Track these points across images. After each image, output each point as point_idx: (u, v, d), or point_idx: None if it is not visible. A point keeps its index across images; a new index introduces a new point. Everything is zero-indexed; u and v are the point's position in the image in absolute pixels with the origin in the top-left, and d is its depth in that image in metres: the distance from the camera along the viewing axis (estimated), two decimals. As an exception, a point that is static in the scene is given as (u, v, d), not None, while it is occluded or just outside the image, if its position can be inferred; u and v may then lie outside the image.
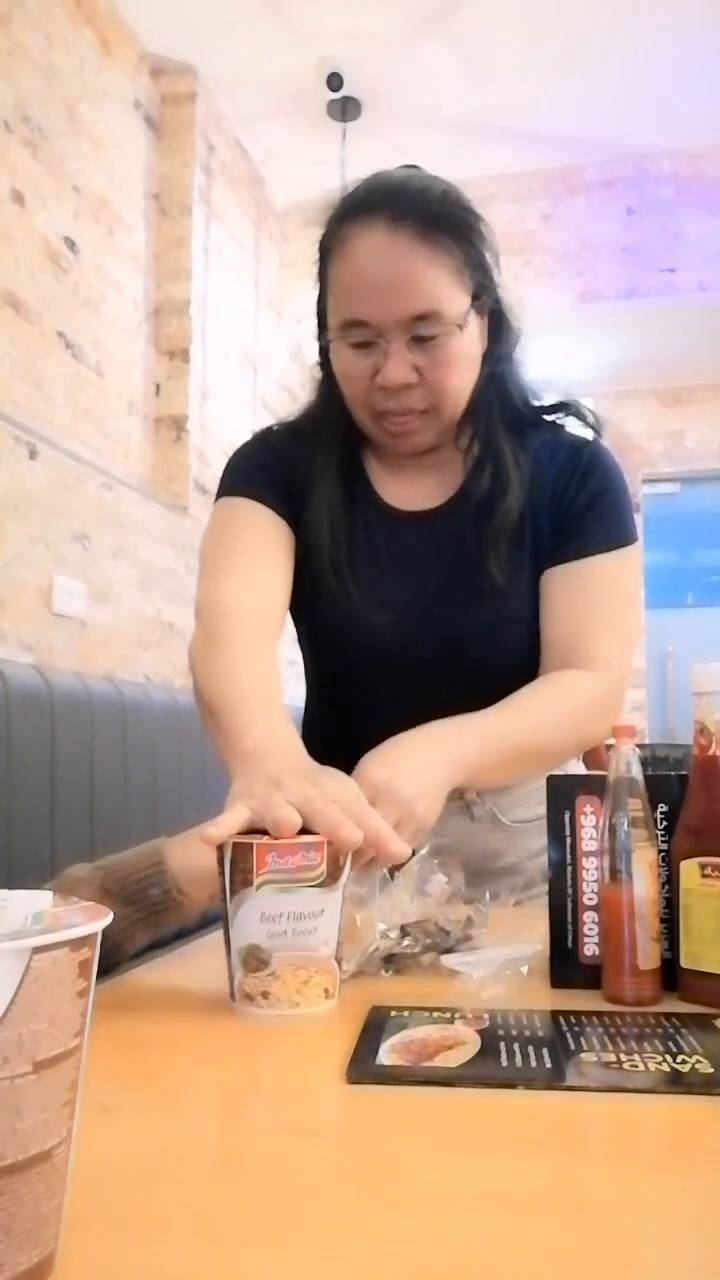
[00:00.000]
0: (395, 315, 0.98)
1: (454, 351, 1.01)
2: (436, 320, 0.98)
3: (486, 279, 1.05)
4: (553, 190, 4.22)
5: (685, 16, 3.31)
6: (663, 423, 5.55)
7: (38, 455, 2.51)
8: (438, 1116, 0.50)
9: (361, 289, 0.99)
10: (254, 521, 1.10)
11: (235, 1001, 0.68)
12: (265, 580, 1.07)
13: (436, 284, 0.98)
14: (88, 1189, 0.39)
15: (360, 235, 0.99)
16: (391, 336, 0.99)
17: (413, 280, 0.97)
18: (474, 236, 1.03)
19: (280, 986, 0.67)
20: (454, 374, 1.02)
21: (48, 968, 0.32)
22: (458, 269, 0.99)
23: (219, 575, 1.05)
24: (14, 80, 2.62)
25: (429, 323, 0.98)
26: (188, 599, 3.31)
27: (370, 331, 1.00)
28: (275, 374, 4.24)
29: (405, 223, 0.97)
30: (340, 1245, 0.37)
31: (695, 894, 0.70)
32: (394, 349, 0.99)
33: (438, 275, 0.98)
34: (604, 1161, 0.46)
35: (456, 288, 1.00)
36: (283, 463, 1.13)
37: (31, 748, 1.39)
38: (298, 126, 3.82)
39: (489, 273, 1.05)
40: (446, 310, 0.98)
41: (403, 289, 0.97)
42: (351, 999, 0.69)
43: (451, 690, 1.00)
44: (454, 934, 0.80)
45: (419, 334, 0.99)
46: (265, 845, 0.67)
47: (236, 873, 0.67)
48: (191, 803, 1.91)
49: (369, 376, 1.02)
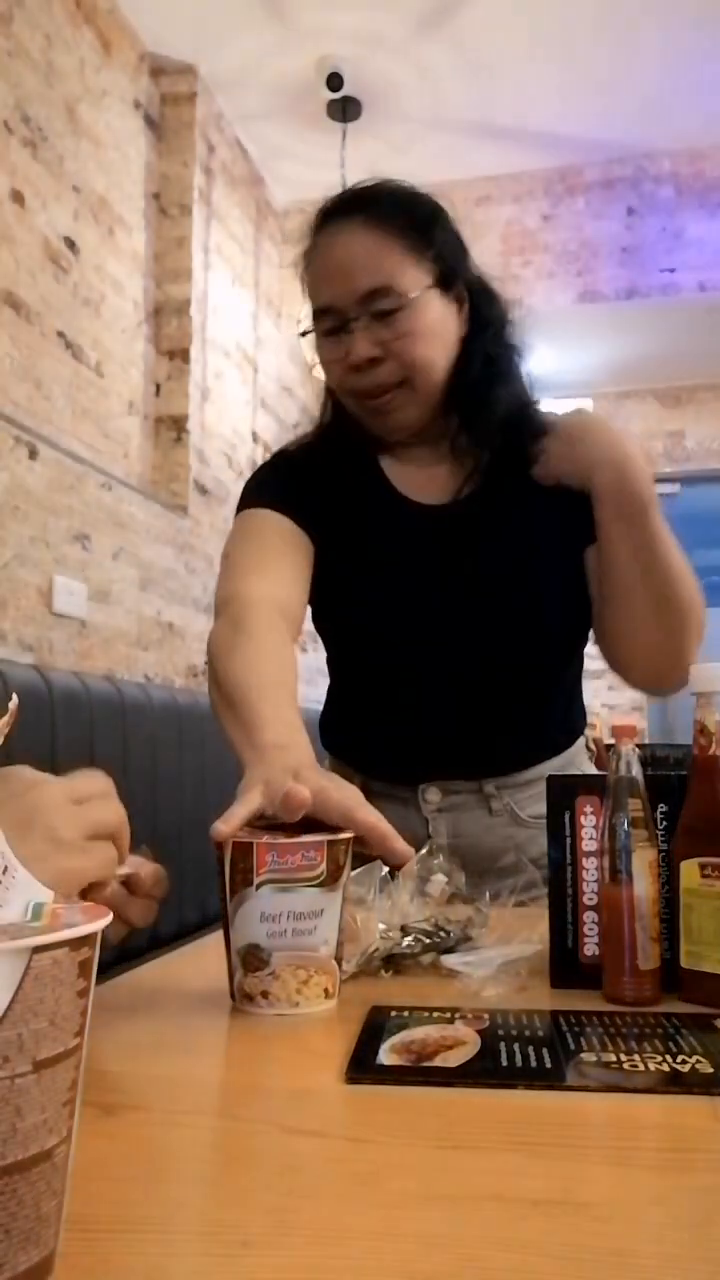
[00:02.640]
0: (351, 294, 1.05)
1: (414, 324, 1.05)
2: (390, 294, 1.04)
3: (452, 264, 1.09)
4: (553, 190, 4.22)
5: (685, 17, 3.31)
6: (663, 423, 5.55)
7: (38, 455, 2.51)
8: (438, 1116, 0.50)
9: (322, 277, 1.08)
10: (274, 527, 1.13)
11: (235, 1000, 0.68)
12: (286, 579, 1.10)
13: (385, 261, 1.04)
14: (88, 1189, 0.39)
15: (321, 236, 1.09)
16: (352, 315, 1.05)
17: (361, 259, 1.05)
18: (429, 220, 1.08)
19: (280, 986, 0.67)
20: (418, 344, 1.06)
21: (48, 967, 0.32)
22: (410, 248, 1.05)
23: (243, 571, 1.09)
24: (14, 80, 2.62)
25: (383, 297, 1.04)
26: (188, 599, 3.33)
27: (336, 317, 1.07)
28: (275, 374, 4.24)
29: (354, 214, 1.07)
30: (340, 1245, 0.37)
31: (695, 894, 0.70)
32: (357, 327, 1.05)
33: (387, 253, 1.05)
34: (604, 1161, 0.46)
35: (410, 264, 1.05)
36: (299, 475, 1.18)
37: (31, 748, 1.39)
38: (298, 126, 3.82)
39: (456, 260, 1.10)
40: (398, 284, 1.04)
41: (353, 268, 1.05)
42: (351, 999, 0.69)
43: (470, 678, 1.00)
44: (454, 934, 0.80)
45: (377, 309, 1.05)
46: (265, 845, 0.67)
47: (236, 872, 0.67)
48: (191, 802, 1.91)
49: (342, 360, 1.07)
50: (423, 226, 1.07)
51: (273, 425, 4.22)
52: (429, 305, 1.06)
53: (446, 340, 1.09)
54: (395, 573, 1.14)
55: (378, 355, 1.06)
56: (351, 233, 1.06)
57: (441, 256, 1.08)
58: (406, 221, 1.06)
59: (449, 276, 1.08)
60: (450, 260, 1.09)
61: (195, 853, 2.00)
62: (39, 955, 0.31)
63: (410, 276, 1.05)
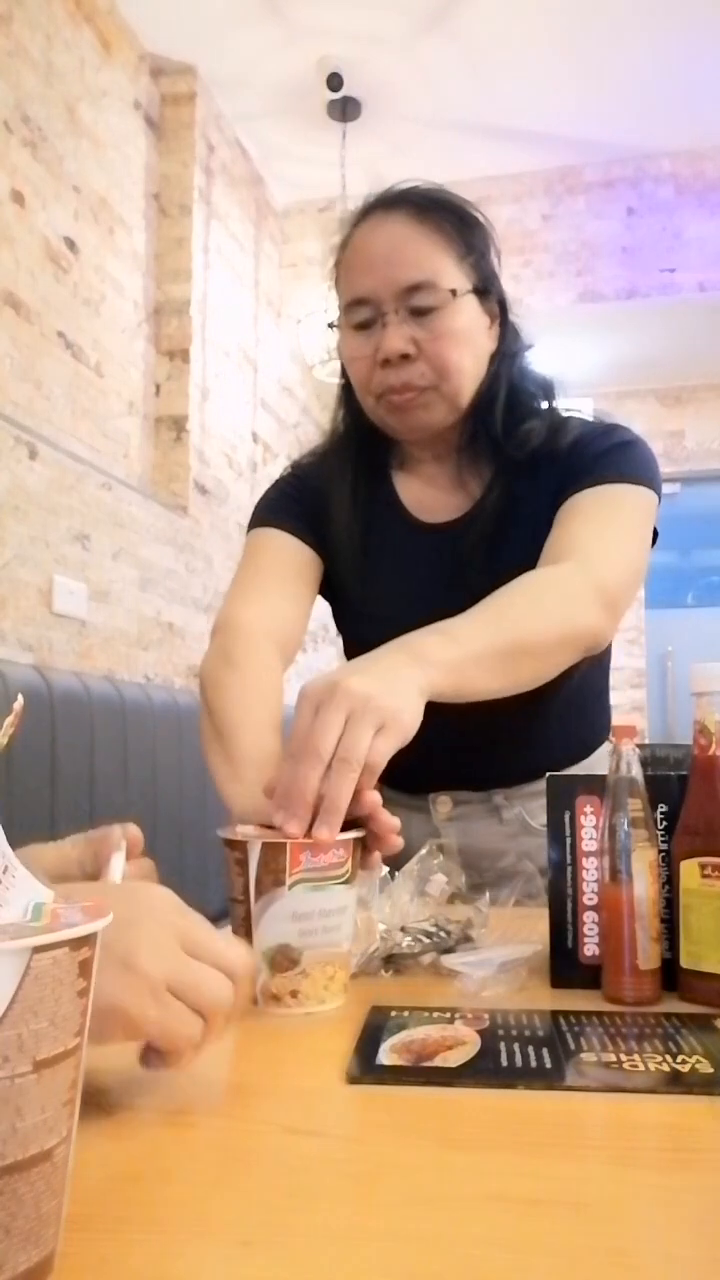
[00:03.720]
0: (391, 285, 1.02)
1: (451, 324, 1.03)
2: (431, 290, 1.02)
3: (491, 276, 1.07)
4: (553, 190, 4.22)
5: (685, 17, 3.30)
6: (663, 423, 5.55)
7: (38, 455, 2.51)
8: (438, 1116, 0.50)
9: (359, 267, 1.05)
10: (278, 549, 1.14)
11: (258, 1004, 0.68)
12: (283, 605, 1.10)
13: (429, 256, 1.02)
14: (88, 1189, 0.39)
15: (361, 228, 1.06)
16: (389, 309, 1.02)
17: (405, 251, 1.02)
18: (473, 226, 1.06)
19: (310, 984, 0.67)
20: (453, 348, 1.03)
21: (48, 967, 0.32)
22: (454, 248, 1.03)
23: (240, 596, 1.10)
24: (14, 80, 2.62)
25: (424, 293, 1.02)
26: (188, 599, 3.33)
27: (370, 309, 1.03)
28: (275, 374, 4.24)
29: (400, 206, 1.04)
30: (340, 1245, 0.37)
31: (695, 894, 0.70)
32: (391, 320, 1.03)
33: (431, 249, 1.02)
34: (604, 1161, 0.46)
35: (452, 264, 1.03)
36: (309, 490, 1.17)
37: (31, 748, 1.39)
38: (298, 126, 3.82)
39: (493, 271, 1.08)
40: (441, 281, 1.02)
41: (395, 259, 1.02)
42: (351, 999, 0.69)
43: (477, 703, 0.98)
44: (454, 934, 0.80)
45: (415, 305, 1.02)
46: (300, 844, 0.67)
47: (266, 874, 0.67)
48: (191, 801, 1.91)
49: (371, 355, 1.04)
50: (467, 230, 1.06)
51: (273, 425, 4.22)
52: (467, 309, 1.04)
53: (478, 351, 1.07)
54: (401, 589, 1.13)
55: (410, 352, 1.03)
56: (397, 224, 1.03)
57: (481, 265, 1.06)
58: (453, 222, 1.04)
59: (487, 286, 1.07)
60: (488, 272, 1.07)
61: (195, 853, 2.00)
62: (39, 955, 0.31)
63: (451, 275, 1.03)
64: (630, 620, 5.48)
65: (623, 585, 1.01)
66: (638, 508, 1.05)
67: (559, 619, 0.95)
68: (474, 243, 1.06)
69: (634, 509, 1.05)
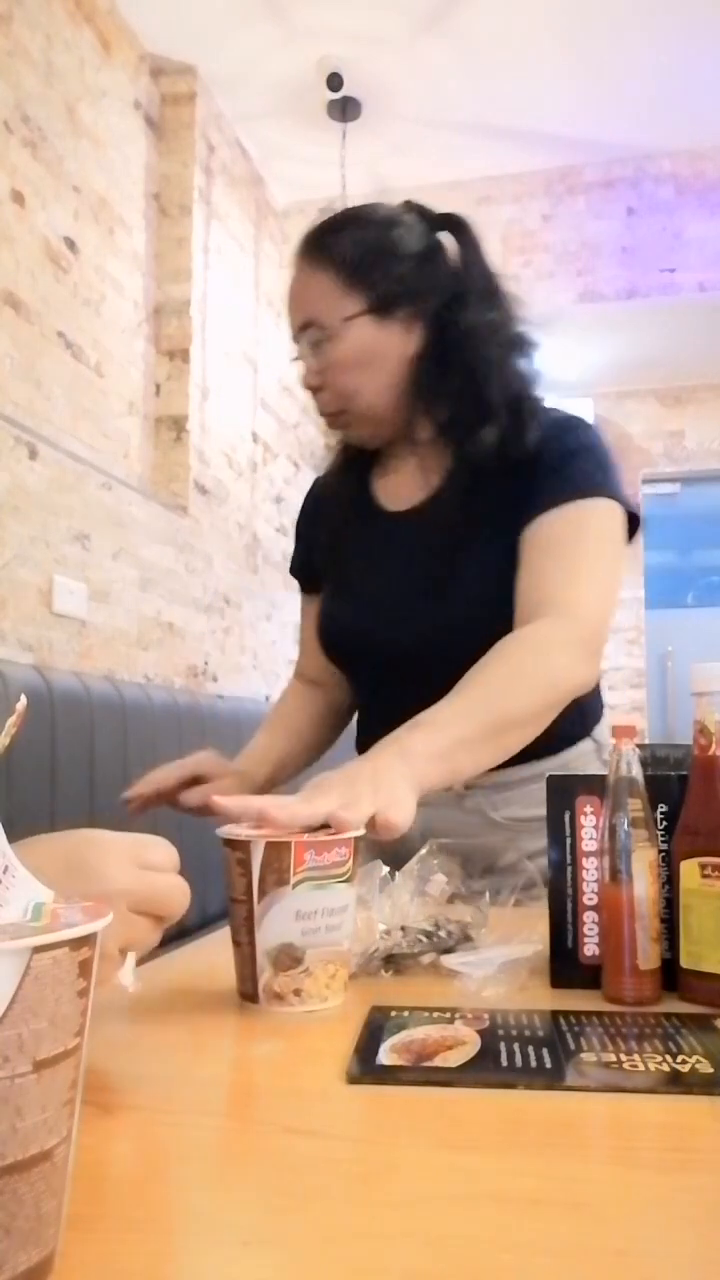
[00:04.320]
0: (294, 327, 1.14)
1: (336, 354, 1.11)
2: (317, 327, 1.11)
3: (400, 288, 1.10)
4: (553, 190, 4.22)
5: (685, 17, 3.31)
6: (663, 423, 5.55)
7: (38, 455, 2.51)
8: (438, 1116, 0.50)
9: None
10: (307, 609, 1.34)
11: (260, 1002, 0.68)
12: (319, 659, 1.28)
13: (314, 295, 1.11)
14: (88, 1189, 0.39)
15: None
16: (300, 346, 1.14)
17: (296, 293, 1.14)
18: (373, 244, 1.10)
19: (312, 982, 0.68)
20: (343, 375, 1.12)
21: (48, 967, 0.32)
22: (340, 278, 1.10)
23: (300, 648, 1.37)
24: (14, 80, 2.62)
25: (312, 330, 1.12)
26: (188, 599, 3.33)
27: (294, 347, 1.16)
28: (275, 374, 4.24)
29: (302, 251, 1.14)
30: (340, 1245, 0.37)
31: (695, 894, 0.70)
32: (303, 355, 1.14)
33: (315, 286, 1.11)
34: (604, 1161, 0.46)
35: (338, 295, 1.10)
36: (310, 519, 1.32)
37: (31, 748, 1.39)
38: (297, 126, 3.82)
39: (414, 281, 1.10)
40: (324, 317, 1.10)
41: (292, 303, 1.14)
42: (351, 999, 0.69)
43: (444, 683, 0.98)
44: (454, 934, 0.80)
45: (311, 340, 1.12)
46: (305, 843, 0.68)
47: (269, 873, 0.67)
48: (191, 803, 1.90)
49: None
50: (362, 251, 1.10)
51: (273, 425, 4.22)
52: (358, 332, 1.10)
53: (382, 365, 1.11)
54: (368, 572, 1.19)
55: (315, 384, 1.13)
56: (297, 268, 1.14)
57: (383, 281, 1.09)
58: (341, 251, 1.10)
59: (390, 301, 1.09)
60: (399, 284, 1.09)
61: (194, 853, 1.99)
62: (39, 955, 0.31)
63: (338, 306, 1.09)
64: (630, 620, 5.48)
65: (602, 624, 1.06)
66: (604, 528, 1.08)
67: (544, 685, 0.97)
68: (373, 261, 1.09)
69: (600, 531, 1.07)
